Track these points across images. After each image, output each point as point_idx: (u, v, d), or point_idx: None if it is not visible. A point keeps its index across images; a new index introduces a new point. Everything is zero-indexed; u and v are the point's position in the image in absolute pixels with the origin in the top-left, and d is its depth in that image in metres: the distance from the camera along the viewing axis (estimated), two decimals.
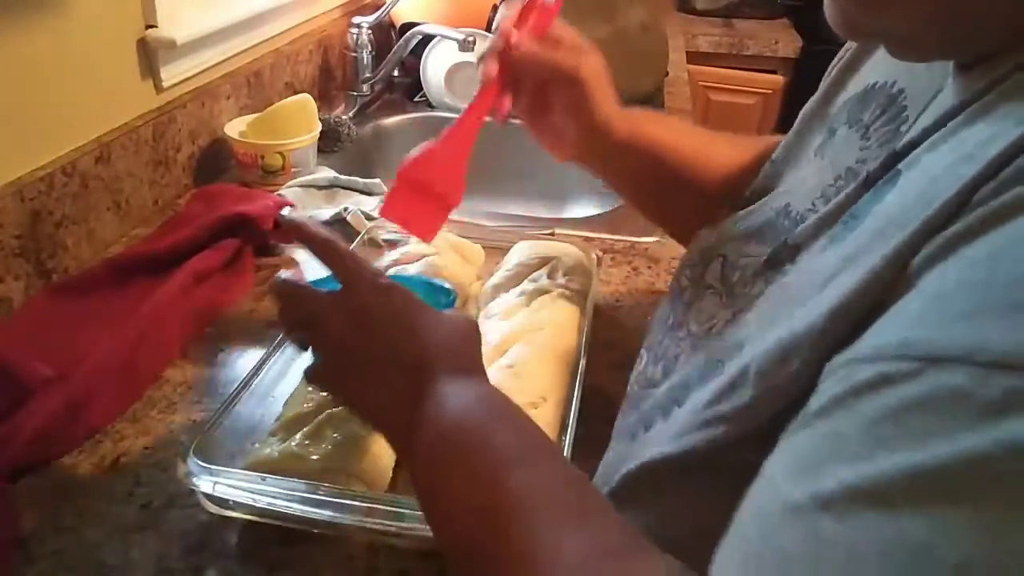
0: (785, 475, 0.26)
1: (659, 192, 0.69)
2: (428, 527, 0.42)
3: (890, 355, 0.25)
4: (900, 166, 0.35)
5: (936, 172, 0.30)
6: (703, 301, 0.50)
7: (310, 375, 0.49)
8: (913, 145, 0.35)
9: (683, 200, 0.67)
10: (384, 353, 0.45)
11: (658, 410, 0.44)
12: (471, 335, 0.48)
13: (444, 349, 0.45)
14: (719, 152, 0.68)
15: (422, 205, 0.55)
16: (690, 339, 0.50)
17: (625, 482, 0.42)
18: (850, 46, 0.55)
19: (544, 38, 0.61)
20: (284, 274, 0.49)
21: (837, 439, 0.25)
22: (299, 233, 0.49)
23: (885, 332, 0.27)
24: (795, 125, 0.58)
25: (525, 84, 0.62)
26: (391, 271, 0.76)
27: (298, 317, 0.49)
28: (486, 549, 0.36)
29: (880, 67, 0.49)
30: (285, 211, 0.50)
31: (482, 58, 0.60)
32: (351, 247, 0.79)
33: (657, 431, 0.43)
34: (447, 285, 0.57)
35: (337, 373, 0.48)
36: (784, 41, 2.30)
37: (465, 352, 0.46)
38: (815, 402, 0.27)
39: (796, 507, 0.24)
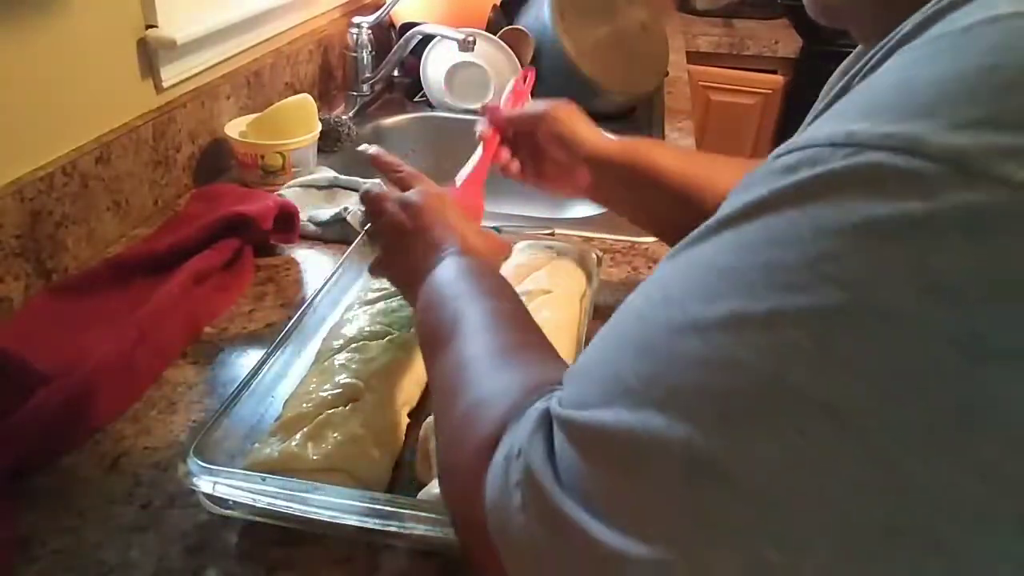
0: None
1: (662, 213, 0.73)
2: (428, 526, 0.49)
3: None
4: None
5: None
6: None
7: (370, 268, 0.66)
8: None
9: (685, 220, 0.70)
10: (423, 236, 0.59)
11: None
12: (494, 242, 0.64)
13: (462, 237, 0.59)
14: (723, 173, 0.72)
15: None
16: None
17: None
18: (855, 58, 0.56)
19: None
20: (370, 183, 0.68)
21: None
22: (375, 162, 0.69)
23: None
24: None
25: (516, 139, 0.77)
26: None
27: (375, 213, 0.64)
28: (442, 355, 0.47)
29: None
30: (363, 146, 0.70)
31: (480, 131, 0.78)
32: (351, 247, 0.81)
33: None
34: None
35: (389, 254, 0.64)
36: (784, 41, 2.30)
37: (479, 245, 0.60)
38: None
39: (649, 278, 0.32)
